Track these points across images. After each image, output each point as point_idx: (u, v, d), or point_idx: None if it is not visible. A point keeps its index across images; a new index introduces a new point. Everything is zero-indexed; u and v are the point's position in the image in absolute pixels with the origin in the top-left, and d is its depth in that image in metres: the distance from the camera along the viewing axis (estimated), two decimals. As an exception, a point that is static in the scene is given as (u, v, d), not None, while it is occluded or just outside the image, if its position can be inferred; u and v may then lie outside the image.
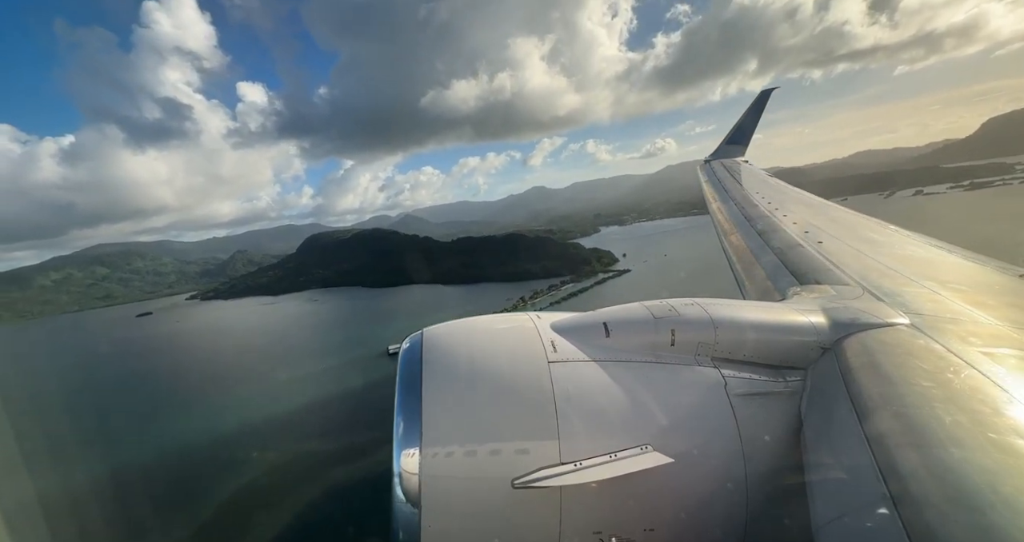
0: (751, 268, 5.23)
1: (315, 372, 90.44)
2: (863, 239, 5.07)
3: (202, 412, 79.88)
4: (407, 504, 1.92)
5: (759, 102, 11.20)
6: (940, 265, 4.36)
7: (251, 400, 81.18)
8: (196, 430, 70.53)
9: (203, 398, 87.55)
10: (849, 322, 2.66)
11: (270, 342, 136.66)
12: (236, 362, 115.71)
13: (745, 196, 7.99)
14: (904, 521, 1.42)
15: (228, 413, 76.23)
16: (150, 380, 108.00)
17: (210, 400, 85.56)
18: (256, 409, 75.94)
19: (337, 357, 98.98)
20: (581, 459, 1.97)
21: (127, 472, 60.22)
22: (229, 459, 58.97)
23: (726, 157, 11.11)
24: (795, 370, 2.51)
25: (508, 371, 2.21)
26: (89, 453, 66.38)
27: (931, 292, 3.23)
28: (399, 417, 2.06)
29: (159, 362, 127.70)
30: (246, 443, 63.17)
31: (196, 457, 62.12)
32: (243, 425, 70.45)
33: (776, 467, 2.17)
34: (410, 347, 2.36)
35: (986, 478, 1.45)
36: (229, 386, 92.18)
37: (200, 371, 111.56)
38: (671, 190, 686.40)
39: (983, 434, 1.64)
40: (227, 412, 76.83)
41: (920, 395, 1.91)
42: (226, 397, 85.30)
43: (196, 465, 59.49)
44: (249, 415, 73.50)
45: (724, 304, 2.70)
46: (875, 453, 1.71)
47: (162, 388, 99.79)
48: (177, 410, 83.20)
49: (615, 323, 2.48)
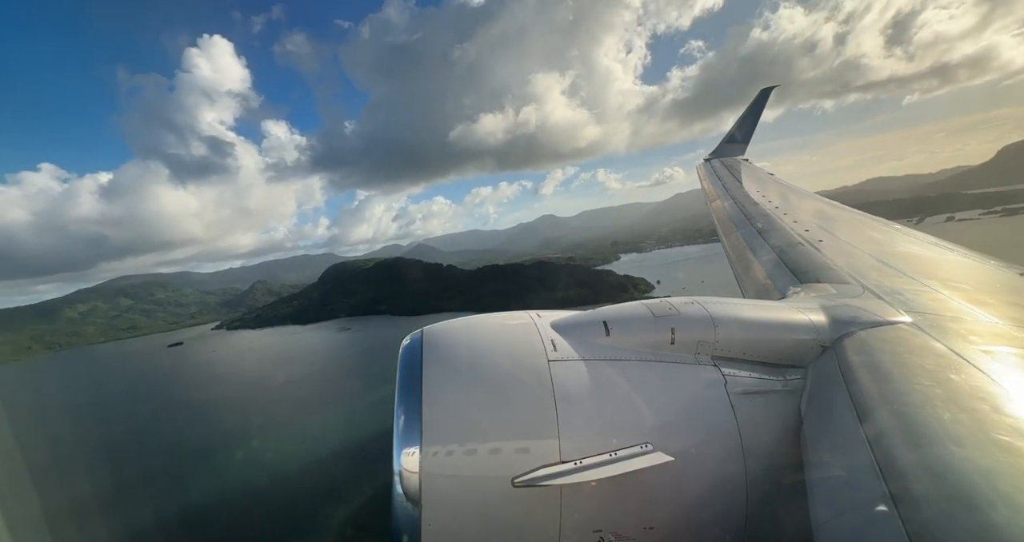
0: (751, 266, 5.20)
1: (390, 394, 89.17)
2: (863, 237, 5.05)
3: (314, 432, 80.00)
4: (407, 502, 1.92)
5: (759, 101, 11.07)
6: (940, 263, 4.32)
7: (354, 421, 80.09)
8: (333, 443, 70.93)
9: (302, 421, 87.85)
10: (849, 320, 2.65)
11: (325, 368, 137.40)
12: (308, 387, 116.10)
13: (745, 194, 7.92)
14: (904, 519, 1.42)
15: (336, 434, 76.15)
16: (231, 407, 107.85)
17: (313, 422, 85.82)
18: (361, 428, 74.83)
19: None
20: (581, 458, 1.97)
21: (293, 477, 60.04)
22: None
23: (726, 156, 11.02)
24: (795, 368, 2.51)
25: (508, 369, 2.21)
26: (232, 474, 66.92)
27: (931, 290, 3.22)
28: (399, 415, 2.06)
29: (224, 390, 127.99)
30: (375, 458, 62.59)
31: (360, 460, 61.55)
32: (359, 444, 69.48)
33: (776, 465, 2.17)
34: (410, 345, 2.37)
35: (986, 477, 1.45)
36: (320, 409, 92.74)
37: (275, 397, 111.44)
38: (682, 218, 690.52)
39: (983, 433, 1.64)
40: (334, 433, 76.71)
41: (920, 394, 1.90)
42: (327, 419, 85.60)
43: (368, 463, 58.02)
44: (357, 433, 72.79)
45: (724, 302, 2.70)
46: (875, 451, 1.71)
47: (247, 414, 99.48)
48: (285, 432, 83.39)
49: (615, 322, 2.48)
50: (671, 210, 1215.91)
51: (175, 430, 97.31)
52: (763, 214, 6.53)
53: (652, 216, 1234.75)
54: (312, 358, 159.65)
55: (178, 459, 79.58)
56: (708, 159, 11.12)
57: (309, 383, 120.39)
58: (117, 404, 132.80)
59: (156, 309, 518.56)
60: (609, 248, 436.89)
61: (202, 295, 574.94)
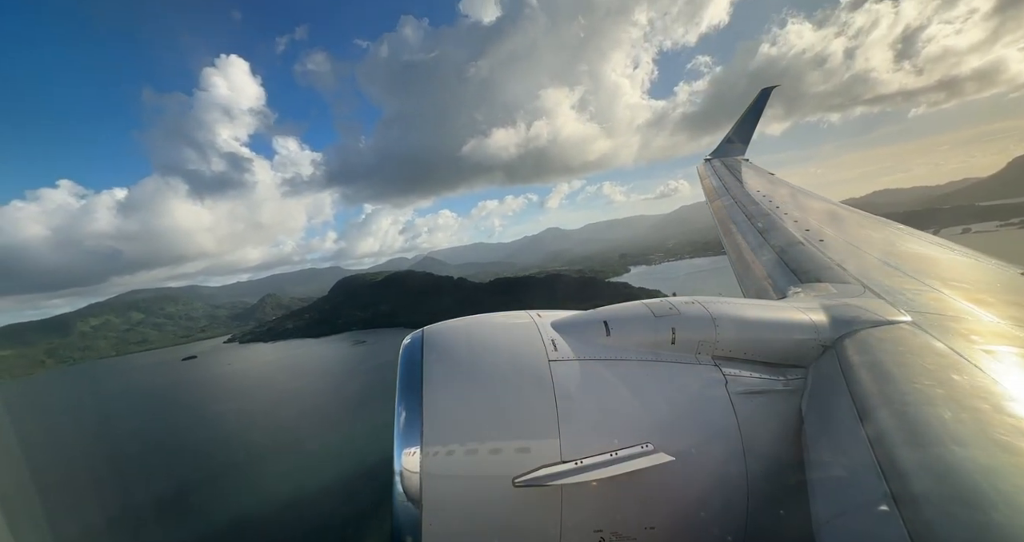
0: (751, 266, 5.17)
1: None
2: (864, 237, 5.03)
3: (348, 445, 79.69)
4: (408, 503, 1.92)
5: (759, 100, 11.04)
6: (941, 263, 4.30)
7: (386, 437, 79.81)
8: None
9: (333, 433, 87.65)
10: (850, 320, 2.65)
11: (346, 381, 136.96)
12: (333, 399, 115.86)
13: (745, 194, 7.87)
14: (905, 519, 1.42)
15: (370, 444, 75.69)
16: (261, 419, 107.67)
17: (344, 434, 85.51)
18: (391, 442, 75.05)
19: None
20: (582, 457, 1.96)
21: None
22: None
23: (727, 155, 10.97)
24: (796, 368, 2.50)
25: (509, 369, 2.20)
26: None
27: (932, 290, 3.21)
28: (400, 416, 2.05)
29: (247, 402, 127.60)
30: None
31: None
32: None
33: (777, 465, 2.16)
34: (410, 345, 2.36)
35: (988, 476, 1.44)
36: (349, 422, 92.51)
37: (303, 409, 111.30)
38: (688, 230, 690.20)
39: (984, 432, 1.63)
40: (366, 443, 76.36)
41: (921, 393, 1.90)
42: (356, 431, 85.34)
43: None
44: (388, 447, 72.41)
45: (724, 302, 2.69)
46: (876, 451, 1.70)
47: (279, 427, 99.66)
48: (318, 444, 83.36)
49: (615, 321, 2.47)
50: (677, 222, 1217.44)
51: (210, 441, 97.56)
52: (763, 213, 6.52)
53: (658, 228, 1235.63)
54: (331, 370, 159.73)
55: (218, 470, 79.61)
56: (709, 159, 11.08)
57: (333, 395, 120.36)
58: (150, 417, 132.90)
59: (167, 323, 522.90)
60: (618, 260, 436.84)
61: (211, 309, 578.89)
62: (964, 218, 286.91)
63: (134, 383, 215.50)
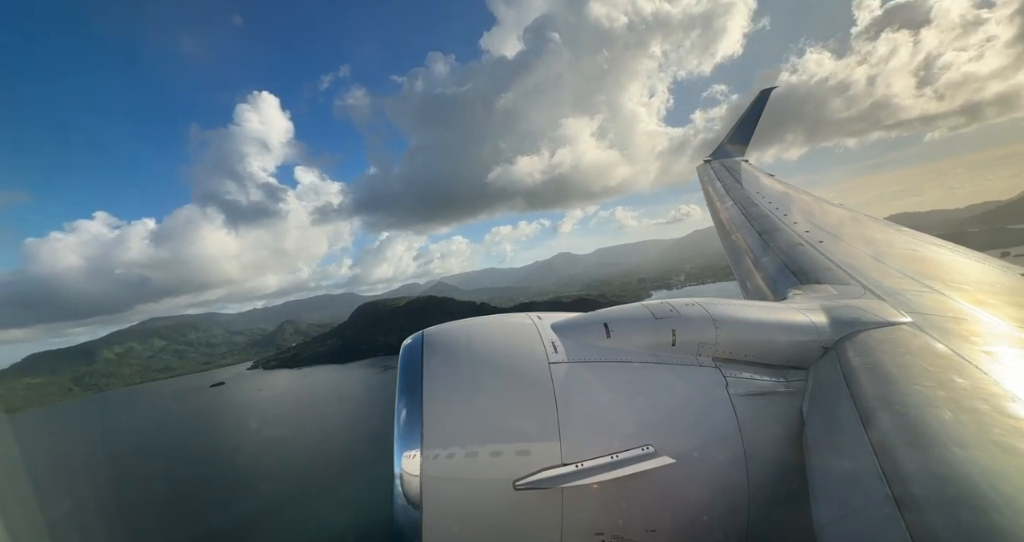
0: (752, 268, 5.17)
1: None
2: (864, 238, 5.05)
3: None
4: (408, 506, 1.91)
5: (759, 102, 11.06)
6: (942, 264, 4.32)
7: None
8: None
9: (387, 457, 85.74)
10: (851, 321, 2.65)
11: (386, 406, 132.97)
12: (378, 423, 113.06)
13: (745, 195, 7.85)
14: (906, 521, 1.41)
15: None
16: (315, 446, 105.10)
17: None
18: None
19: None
20: (582, 460, 1.96)
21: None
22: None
23: (727, 157, 10.91)
24: (797, 370, 2.50)
25: (509, 371, 2.20)
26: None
27: (933, 291, 3.21)
28: (399, 418, 2.05)
29: (292, 429, 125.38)
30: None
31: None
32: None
33: (778, 467, 2.16)
34: (410, 347, 2.36)
35: (989, 478, 1.44)
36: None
37: (355, 433, 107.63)
38: (701, 254, 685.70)
39: (986, 434, 1.63)
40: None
41: (922, 395, 1.90)
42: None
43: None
44: None
45: (725, 304, 2.69)
46: (877, 453, 1.70)
47: (335, 453, 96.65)
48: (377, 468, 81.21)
49: (616, 323, 2.47)
50: (690, 246, 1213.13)
51: (263, 469, 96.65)
52: (763, 215, 6.52)
53: (671, 252, 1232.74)
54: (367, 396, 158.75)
55: (283, 497, 78.74)
56: (708, 160, 11.05)
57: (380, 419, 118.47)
58: (196, 444, 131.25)
59: (188, 350, 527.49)
60: (636, 284, 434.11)
61: (230, 335, 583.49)
62: (996, 242, 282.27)
63: (173, 410, 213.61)
